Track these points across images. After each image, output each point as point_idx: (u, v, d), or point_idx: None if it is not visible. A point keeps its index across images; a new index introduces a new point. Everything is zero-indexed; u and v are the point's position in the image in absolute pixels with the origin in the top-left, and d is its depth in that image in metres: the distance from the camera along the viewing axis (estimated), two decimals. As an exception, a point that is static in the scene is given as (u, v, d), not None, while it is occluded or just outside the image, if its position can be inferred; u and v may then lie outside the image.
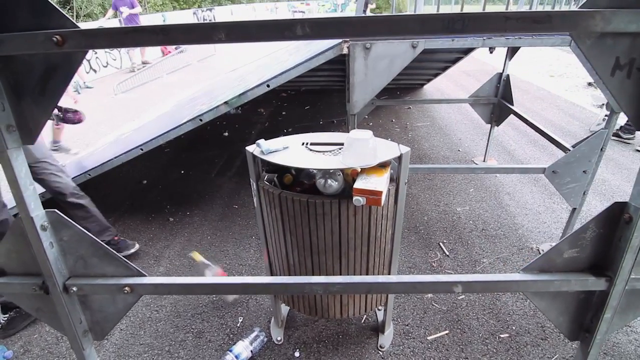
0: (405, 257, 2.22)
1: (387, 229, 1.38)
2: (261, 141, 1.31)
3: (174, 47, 9.60)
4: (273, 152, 1.29)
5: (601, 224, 0.83)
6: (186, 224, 2.66)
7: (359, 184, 1.14)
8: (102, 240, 2.05)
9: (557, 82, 6.52)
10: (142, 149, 2.33)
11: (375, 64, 1.75)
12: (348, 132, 1.28)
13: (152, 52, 9.55)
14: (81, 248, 0.90)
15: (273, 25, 0.63)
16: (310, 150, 1.32)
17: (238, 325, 1.79)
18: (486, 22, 0.61)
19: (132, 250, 2.31)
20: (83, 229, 0.88)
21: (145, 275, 0.94)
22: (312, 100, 5.47)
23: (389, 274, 1.50)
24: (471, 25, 0.61)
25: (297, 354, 1.64)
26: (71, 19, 0.69)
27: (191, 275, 2.16)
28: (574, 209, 2.06)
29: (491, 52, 2.50)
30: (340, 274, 1.38)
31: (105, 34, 0.69)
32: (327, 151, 1.30)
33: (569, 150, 1.98)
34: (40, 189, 2.30)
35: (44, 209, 0.84)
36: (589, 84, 6.07)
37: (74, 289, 0.91)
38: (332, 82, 5.21)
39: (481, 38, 1.77)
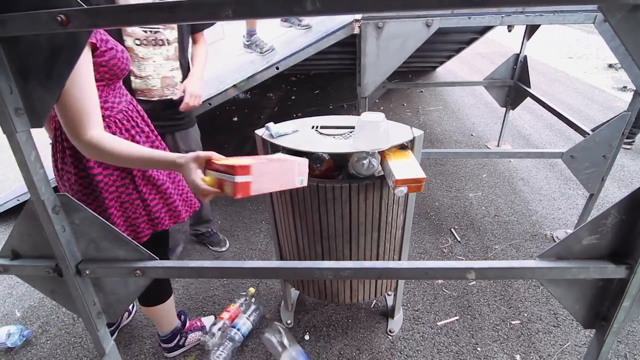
0: (416, 243, 2.21)
1: (398, 214, 1.36)
2: (270, 124, 1.29)
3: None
4: (282, 135, 1.27)
5: (624, 210, 0.79)
6: (197, 208, 2.68)
7: (399, 174, 1.10)
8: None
9: (576, 64, 6.28)
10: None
11: (388, 44, 1.69)
12: (359, 115, 1.24)
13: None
14: (92, 231, 0.91)
15: (282, 0, 0.60)
16: (320, 133, 1.30)
17: (248, 308, 1.82)
18: (509, -6, 0.57)
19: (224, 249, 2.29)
20: (94, 213, 0.88)
21: (156, 259, 0.94)
22: (321, 85, 5.39)
23: (400, 260, 1.49)
24: (493, -2, 0.57)
25: (307, 337, 1.66)
26: None
27: (202, 258, 2.19)
28: (592, 195, 2.00)
29: (510, 31, 2.39)
30: (350, 259, 1.38)
31: (109, 12, 0.67)
32: (337, 134, 1.27)
33: (588, 134, 1.91)
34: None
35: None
36: (610, 65, 5.83)
37: (87, 271, 0.92)
38: (342, 66, 5.11)
39: (499, 15, 1.69)
